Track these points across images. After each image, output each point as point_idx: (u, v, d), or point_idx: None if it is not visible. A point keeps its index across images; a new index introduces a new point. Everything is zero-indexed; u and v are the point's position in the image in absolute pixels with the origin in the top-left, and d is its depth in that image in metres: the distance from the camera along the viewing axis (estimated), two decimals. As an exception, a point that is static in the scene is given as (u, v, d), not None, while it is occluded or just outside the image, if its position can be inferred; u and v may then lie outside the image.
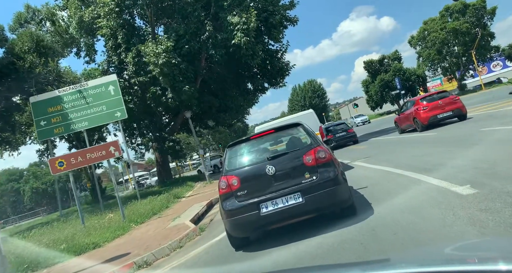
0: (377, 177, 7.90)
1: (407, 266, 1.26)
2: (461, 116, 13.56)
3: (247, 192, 4.73)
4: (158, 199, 13.95)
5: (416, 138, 13.15)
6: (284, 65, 20.81)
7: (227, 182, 4.84)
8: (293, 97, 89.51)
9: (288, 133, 5.53)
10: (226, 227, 5.01)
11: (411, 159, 8.81)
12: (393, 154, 11.10)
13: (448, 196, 4.63)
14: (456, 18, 42.35)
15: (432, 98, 13.99)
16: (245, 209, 4.66)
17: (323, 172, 4.67)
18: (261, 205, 4.62)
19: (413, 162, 8.08)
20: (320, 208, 4.69)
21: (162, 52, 17.75)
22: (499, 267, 0.98)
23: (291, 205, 4.55)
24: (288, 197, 4.59)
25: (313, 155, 4.74)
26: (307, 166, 4.70)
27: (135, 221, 10.37)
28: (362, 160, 11.65)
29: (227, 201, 4.81)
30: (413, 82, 50.81)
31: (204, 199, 12.85)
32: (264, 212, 4.59)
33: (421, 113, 13.68)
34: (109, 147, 10.33)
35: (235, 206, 4.73)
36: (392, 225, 4.15)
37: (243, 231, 4.92)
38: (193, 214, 10.19)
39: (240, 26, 17.83)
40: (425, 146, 10.77)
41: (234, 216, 4.71)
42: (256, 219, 4.63)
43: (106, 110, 14.46)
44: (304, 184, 4.62)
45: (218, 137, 59.70)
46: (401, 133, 15.87)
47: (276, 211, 4.56)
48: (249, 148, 5.34)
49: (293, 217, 4.68)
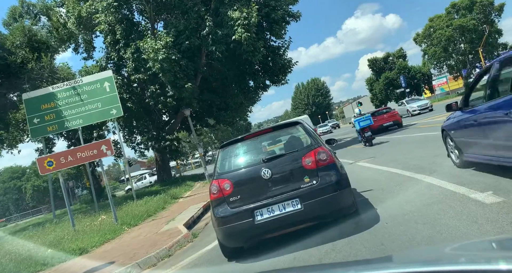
0: (383, 179, 7.34)
1: (408, 266, 1.24)
2: (399, 125, 19.95)
3: (240, 197, 4.29)
4: (155, 199, 13.46)
5: (425, 138, 12.55)
6: (286, 62, 20.20)
7: (219, 186, 4.38)
8: (296, 96, 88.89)
9: (286, 132, 5.08)
10: (218, 236, 4.56)
11: (421, 159, 8.23)
12: (399, 154, 10.52)
13: (468, 204, 4.05)
14: (463, 14, 41.54)
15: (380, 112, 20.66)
16: (239, 216, 4.21)
17: (324, 176, 4.24)
18: (255, 212, 4.18)
19: (424, 163, 7.50)
20: (321, 215, 4.25)
21: (161, 48, 17.24)
22: (500, 266, 0.96)
23: (288, 212, 4.11)
24: (285, 204, 4.15)
25: (313, 156, 4.29)
26: (306, 169, 4.27)
27: (128, 224, 9.87)
28: (366, 160, 11.08)
29: (219, 208, 4.36)
30: (418, 80, 50.04)
31: (202, 200, 12.35)
32: (258, 220, 4.15)
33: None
34: (100, 146, 9.82)
35: (227, 213, 4.29)
36: (404, 239, 3.59)
37: (236, 240, 4.42)
38: (188, 216, 9.70)
39: (241, 22, 17.26)
40: (434, 145, 10.20)
41: (227, 224, 4.26)
42: (250, 228, 4.18)
43: (101, 108, 13.95)
44: (303, 189, 4.19)
45: (220, 135, 59.25)
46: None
47: (272, 219, 4.12)
48: (244, 148, 4.83)
49: (290, 225, 4.24)
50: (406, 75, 48.87)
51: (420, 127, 17.92)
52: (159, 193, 16.83)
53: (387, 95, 50.99)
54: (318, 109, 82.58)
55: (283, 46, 20.46)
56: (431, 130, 13.57)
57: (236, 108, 21.85)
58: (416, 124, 19.58)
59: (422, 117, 24.01)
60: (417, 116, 26.21)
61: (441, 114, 19.43)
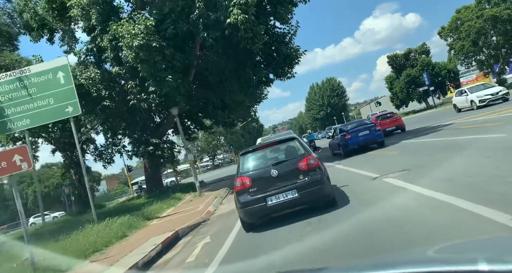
0: (434, 216, 4.14)
1: (390, 268, 1.27)
2: (402, 129, 19.42)
3: (256, 189, 6.19)
4: (118, 222, 10.38)
5: (489, 141, 9.00)
6: (293, 51, 16.91)
7: (242, 181, 6.28)
8: (310, 96, 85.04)
9: (286, 145, 7.03)
10: (240, 215, 6.44)
11: (493, 180, 4.92)
12: (448, 167, 7.15)
13: None
14: (496, 4, 37.21)
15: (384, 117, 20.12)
16: (255, 202, 6.11)
17: (313, 175, 6.16)
18: (267, 199, 6.08)
19: (500, 188, 4.20)
20: (311, 200, 6.20)
21: (139, 33, 14.32)
22: (480, 267, 1.00)
23: (289, 199, 6.05)
24: (287, 193, 6.06)
25: (305, 161, 6.23)
26: (301, 170, 6.19)
27: (51, 269, 6.83)
28: (398, 175, 7.77)
29: (242, 196, 6.26)
30: (443, 78, 45.78)
31: (176, 224, 9.25)
32: (269, 204, 6.07)
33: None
34: (12, 156, 6.82)
35: (247, 199, 6.18)
36: None
37: (254, 218, 6.34)
38: (138, 257, 6.64)
39: (236, 1, 14.16)
40: (504, 154, 6.79)
41: (247, 206, 6.18)
42: (263, 209, 6.11)
43: (53, 104, 11.05)
44: (298, 183, 6.11)
45: (229, 138, 56.24)
46: None
47: (278, 203, 6.05)
48: (258, 155, 6.89)
49: (290, 207, 6.17)
50: (429, 72, 44.71)
51: (460, 128, 14.37)
52: (135, 210, 13.89)
53: (408, 94, 46.84)
54: (333, 111, 78.50)
55: (289, 33, 17.23)
56: (480, 132, 10.08)
57: (235, 107, 18.67)
58: (453, 125, 15.97)
59: (480, 112, 17.72)
60: (459, 114, 21.30)
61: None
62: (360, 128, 14.69)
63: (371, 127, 14.61)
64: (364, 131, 14.46)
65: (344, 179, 9.32)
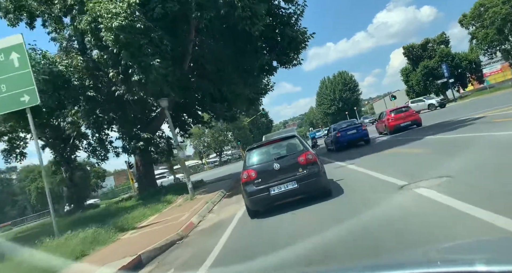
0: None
1: (390, 269, 1.26)
2: (418, 124, 18.18)
3: (261, 180, 6.89)
4: (80, 237, 8.44)
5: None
6: (299, 34, 14.71)
7: (248, 174, 7.02)
8: (321, 90, 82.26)
9: (288, 142, 7.84)
10: (246, 203, 7.24)
11: None
12: (507, 177, 5.02)
13: None
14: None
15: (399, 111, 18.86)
16: (260, 191, 6.84)
17: (310, 168, 6.87)
18: (270, 189, 6.80)
19: None
20: (309, 191, 6.88)
21: (121, 13, 12.36)
22: (479, 268, 0.99)
23: (290, 189, 6.76)
24: (288, 184, 6.77)
25: (304, 156, 6.96)
26: (300, 164, 6.89)
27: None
28: (435, 183, 5.67)
29: (248, 186, 6.98)
30: (463, 69, 42.85)
31: (145, 243, 7.23)
32: (272, 193, 6.79)
33: (390, 122, 18.28)
34: None
35: (253, 189, 6.91)
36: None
37: (258, 206, 7.08)
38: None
39: (232, -27, 12.08)
40: None
41: (253, 195, 6.90)
42: (267, 198, 6.83)
43: (6, 92, 9.18)
44: (298, 175, 6.81)
45: (236, 133, 54.24)
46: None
47: (280, 192, 6.78)
48: (262, 151, 7.69)
49: (291, 196, 6.91)
50: (449, 63, 41.85)
51: (494, 122, 12.10)
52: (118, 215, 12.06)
53: (425, 87, 44.07)
54: (345, 105, 75.63)
55: (295, 13, 15.02)
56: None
57: (234, 99, 16.60)
58: (484, 118, 13.67)
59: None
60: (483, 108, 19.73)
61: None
62: (349, 128, 17.21)
63: (359, 127, 17.18)
64: (352, 130, 16.89)
65: (358, 187, 7.38)
